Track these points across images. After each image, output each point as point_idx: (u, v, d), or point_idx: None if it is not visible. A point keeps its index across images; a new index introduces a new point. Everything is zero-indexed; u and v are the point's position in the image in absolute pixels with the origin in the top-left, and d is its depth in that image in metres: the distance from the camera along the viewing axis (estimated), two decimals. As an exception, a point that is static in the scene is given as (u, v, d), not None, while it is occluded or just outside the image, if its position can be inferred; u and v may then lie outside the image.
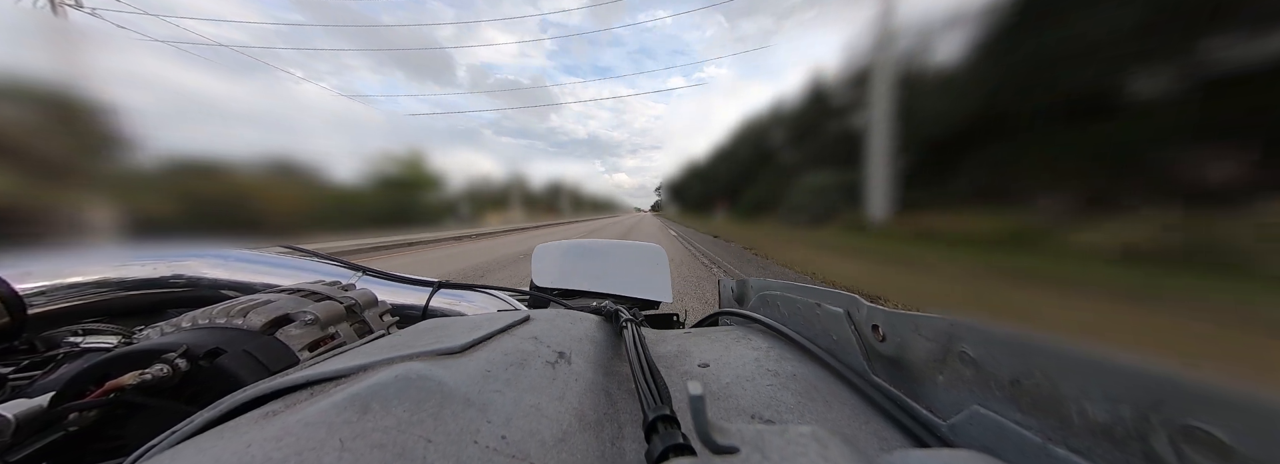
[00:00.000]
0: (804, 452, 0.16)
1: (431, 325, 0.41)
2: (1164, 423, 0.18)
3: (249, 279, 0.76)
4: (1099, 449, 0.20)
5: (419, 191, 2.60)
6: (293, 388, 0.27)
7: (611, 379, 0.36)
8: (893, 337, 0.34)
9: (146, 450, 0.25)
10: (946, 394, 0.29)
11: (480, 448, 0.21)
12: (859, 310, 0.38)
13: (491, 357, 0.31)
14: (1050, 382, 0.22)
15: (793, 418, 0.33)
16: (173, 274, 0.72)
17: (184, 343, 0.39)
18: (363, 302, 0.58)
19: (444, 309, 0.81)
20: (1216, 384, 0.16)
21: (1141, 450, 0.19)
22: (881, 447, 0.30)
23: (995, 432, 0.25)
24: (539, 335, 0.38)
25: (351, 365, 0.28)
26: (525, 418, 0.25)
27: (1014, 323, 0.25)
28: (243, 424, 0.24)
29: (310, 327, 0.48)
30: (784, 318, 0.52)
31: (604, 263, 1.01)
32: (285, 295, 0.53)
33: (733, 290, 0.72)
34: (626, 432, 0.29)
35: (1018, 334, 0.24)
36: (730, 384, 0.38)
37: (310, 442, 0.19)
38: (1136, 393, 0.19)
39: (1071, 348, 0.22)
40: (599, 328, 0.46)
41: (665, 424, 0.21)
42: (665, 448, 0.19)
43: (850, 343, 0.39)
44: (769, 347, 0.47)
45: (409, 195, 2.37)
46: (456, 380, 0.26)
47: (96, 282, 0.65)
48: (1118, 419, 0.19)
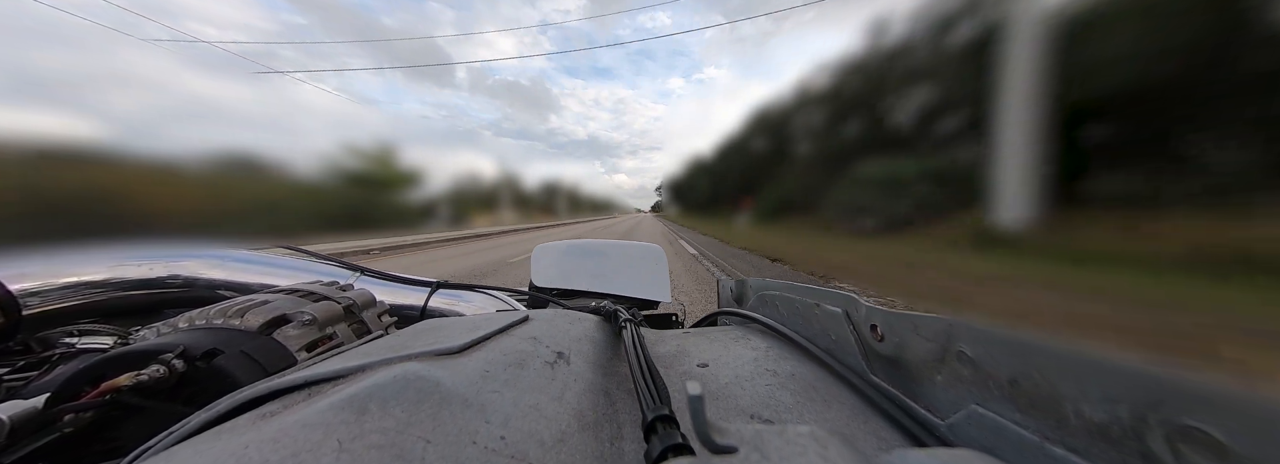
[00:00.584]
0: (803, 452, 0.16)
1: (430, 326, 0.41)
2: (1161, 423, 0.18)
3: (246, 279, 0.76)
4: (1096, 449, 0.20)
5: (390, 190, 2.36)
6: (290, 389, 0.27)
7: (610, 379, 0.36)
8: (891, 336, 0.34)
9: (143, 452, 0.25)
10: (945, 394, 0.29)
11: (479, 449, 0.21)
12: (857, 310, 0.38)
13: (490, 357, 0.31)
14: (1048, 381, 0.22)
15: (791, 418, 0.33)
16: (169, 274, 0.72)
17: (180, 344, 0.39)
18: (361, 302, 0.58)
19: (442, 309, 0.81)
20: (1213, 384, 0.16)
21: (1138, 450, 0.19)
22: (880, 446, 0.30)
23: (993, 431, 0.25)
24: (538, 336, 0.38)
25: (349, 366, 0.28)
26: (524, 418, 0.25)
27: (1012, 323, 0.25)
28: (240, 425, 0.23)
29: (308, 327, 0.48)
30: (783, 318, 0.52)
31: (603, 263, 1.01)
32: (283, 296, 0.53)
33: (732, 290, 0.72)
34: (625, 432, 0.29)
35: (1016, 334, 0.24)
36: (729, 384, 0.38)
37: (308, 443, 0.19)
38: (1134, 393, 0.19)
39: (1069, 348, 0.22)
40: (598, 328, 0.46)
41: (664, 424, 0.21)
42: (664, 448, 0.19)
43: (849, 343, 0.39)
44: (768, 346, 0.47)
45: (378, 194, 2.14)
46: (455, 381, 0.26)
47: (92, 282, 0.65)
48: (1115, 419, 0.19)
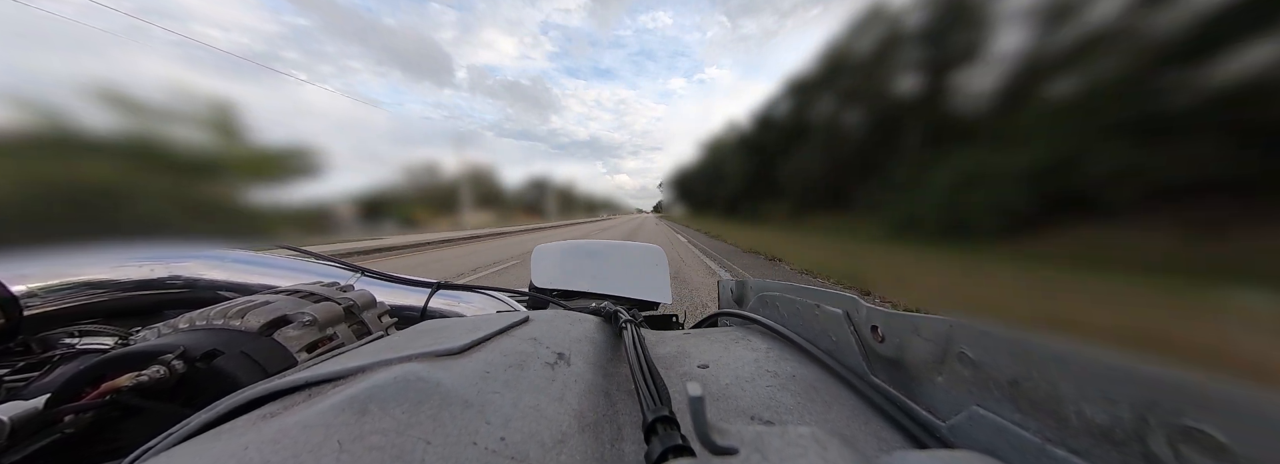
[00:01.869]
0: (803, 453, 0.16)
1: (430, 326, 0.41)
2: (1162, 423, 0.18)
3: (247, 280, 0.76)
4: (1098, 450, 0.20)
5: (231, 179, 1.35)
6: (290, 389, 0.27)
7: (611, 380, 0.36)
8: (892, 338, 0.34)
9: (143, 452, 0.25)
10: (946, 395, 0.29)
11: (479, 450, 0.21)
12: (858, 311, 0.38)
13: (490, 358, 0.31)
14: (1049, 382, 0.22)
15: (792, 419, 0.33)
16: (170, 275, 0.72)
17: (181, 344, 0.39)
18: (361, 303, 0.58)
19: (443, 310, 0.81)
20: (1214, 385, 0.16)
21: (1140, 451, 0.19)
22: (881, 448, 0.30)
23: (994, 432, 0.25)
24: (538, 336, 0.38)
25: (350, 367, 0.28)
26: (524, 419, 0.25)
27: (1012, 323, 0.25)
28: (240, 426, 0.23)
29: (308, 328, 0.48)
30: (783, 319, 0.52)
31: (603, 264, 1.01)
32: (283, 297, 0.53)
33: (732, 291, 0.72)
34: (626, 433, 0.29)
35: (1017, 335, 0.24)
36: (730, 385, 0.38)
37: (308, 444, 0.19)
38: (1135, 394, 0.19)
39: (1070, 349, 0.22)
40: (598, 329, 0.46)
41: (665, 425, 0.21)
42: (665, 449, 0.19)
43: (850, 344, 0.39)
44: (768, 347, 0.47)
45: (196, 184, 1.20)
46: (455, 382, 0.26)
47: (93, 282, 0.65)
48: (1116, 420, 0.19)
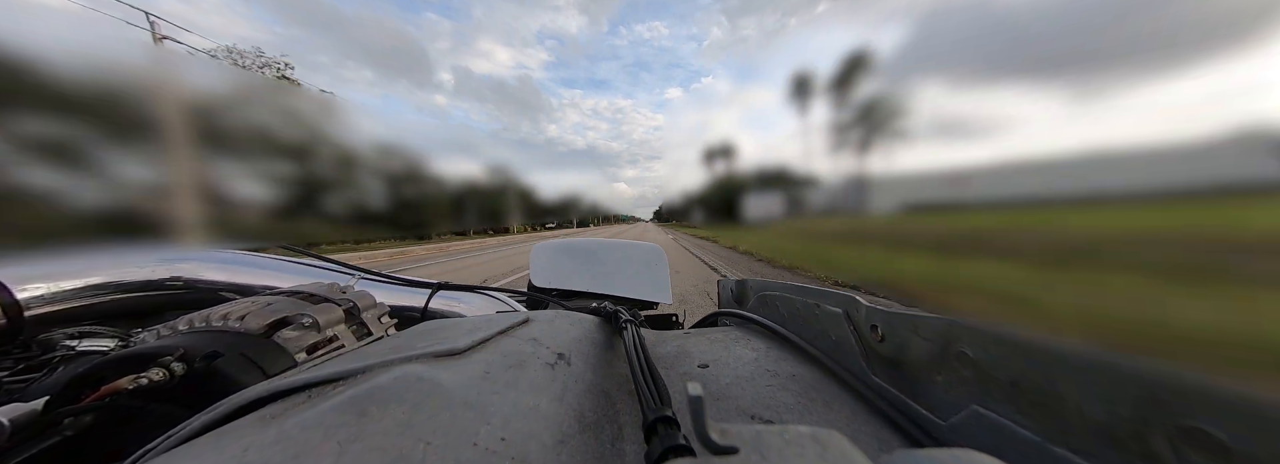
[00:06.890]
0: (803, 452, 0.16)
1: (430, 327, 0.41)
2: (1162, 423, 0.18)
3: (247, 281, 0.76)
4: (1098, 449, 0.20)
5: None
6: (291, 391, 0.27)
7: (611, 380, 0.36)
8: (892, 337, 0.34)
9: (143, 454, 0.25)
10: (946, 394, 0.29)
11: (479, 450, 0.21)
12: (858, 311, 0.38)
13: (490, 358, 0.31)
14: (1049, 382, 0.22)
15: (792, 418, 0.33)
16: (170, 276, 0.72)
17: (181, 346, 0.39)
18: (361, 304, 0.58)
19: (443, 311, 0.81)
20: (1214, 384, 0.16)
21: (1140, 450, 0.19)
22: (881, 447, 0.30)
23: (994, 432, 0.25)
24: (538, 337, 0.38)
25: (350, 368, 0.28)
26: (524, 420, 0.25)
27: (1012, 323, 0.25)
28: (240, 428, 0.23)
29: (308, 329, 0.48)
30: (783, 319, 0.52)
31: (603, 263, 1.01)
32: (283, 298, 0.53)
33: (732, 291, 0.72)
34: (626, 433, 0.29)
35: (1017, 334, 0.24)
36: (730, 385, 0.37)
37: (308, 445, 0.19)
38: (1135, 393, 0.19)
39: (1070, 348, 0.22)
40: (598, 329, 0.46)
41: (665, 425, 0.21)
42: (665, 449, 0.19)
43: (849, 343, 0.39)
44: (768, 347, 0.47)
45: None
46: (455, 382, 0.26)
47: (94, 284, 0.65)
48: (1116, 419, 0.19)
